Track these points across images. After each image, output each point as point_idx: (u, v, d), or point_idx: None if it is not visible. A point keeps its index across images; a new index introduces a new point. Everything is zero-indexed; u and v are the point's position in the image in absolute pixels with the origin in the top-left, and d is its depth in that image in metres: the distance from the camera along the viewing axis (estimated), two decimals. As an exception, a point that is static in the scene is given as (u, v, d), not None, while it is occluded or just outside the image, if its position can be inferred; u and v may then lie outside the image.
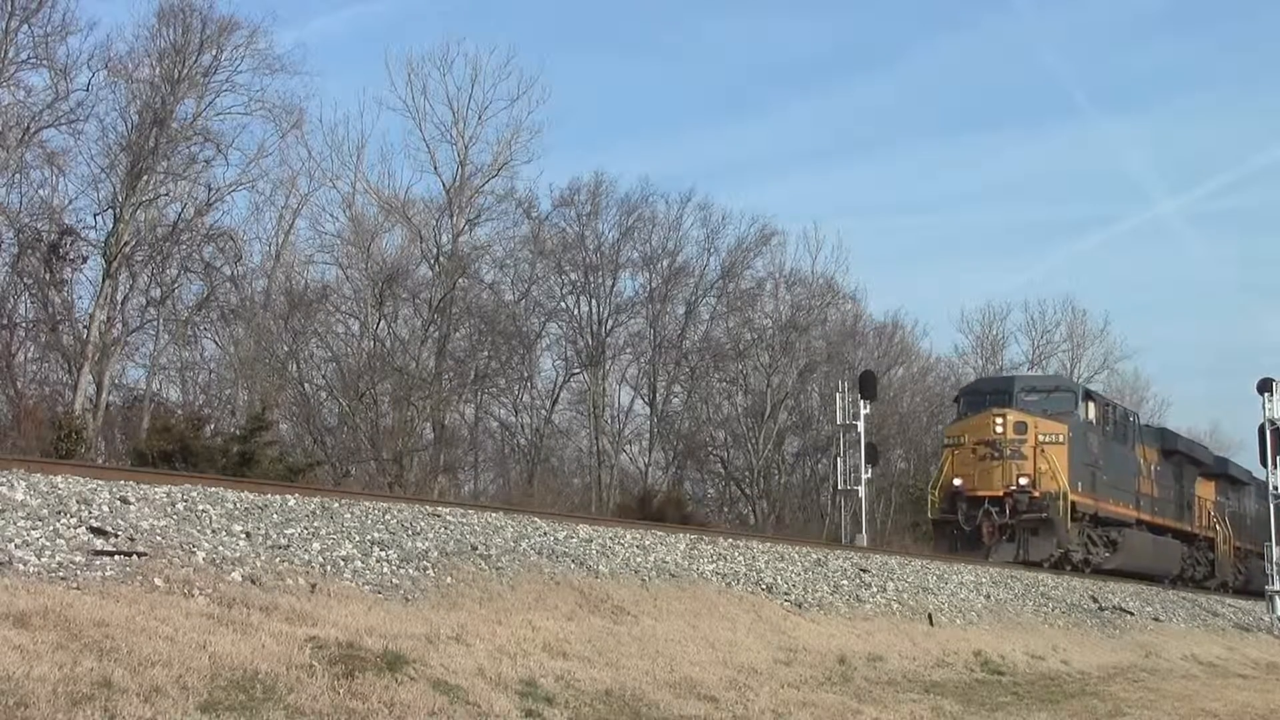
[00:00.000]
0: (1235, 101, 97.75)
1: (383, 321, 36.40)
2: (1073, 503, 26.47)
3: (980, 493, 26.47)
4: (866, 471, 30.34)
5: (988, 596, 19.40)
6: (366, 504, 12.94)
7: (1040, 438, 26.75)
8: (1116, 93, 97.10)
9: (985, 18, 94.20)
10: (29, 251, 29.72)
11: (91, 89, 30.03)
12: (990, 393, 29.03)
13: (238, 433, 25.71)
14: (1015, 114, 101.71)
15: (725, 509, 43.86)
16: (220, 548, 9.92)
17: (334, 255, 38.12)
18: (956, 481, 26.97)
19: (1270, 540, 28.30)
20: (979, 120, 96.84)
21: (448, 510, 13.82)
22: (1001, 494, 26.27)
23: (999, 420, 26.96)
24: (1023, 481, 26.25)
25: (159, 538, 9.68)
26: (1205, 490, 36.74)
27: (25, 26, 28.95)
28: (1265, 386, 27.97)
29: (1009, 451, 26.65)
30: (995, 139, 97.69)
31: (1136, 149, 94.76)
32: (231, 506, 11.14)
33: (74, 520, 9.39)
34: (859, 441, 30.44)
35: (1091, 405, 29.04)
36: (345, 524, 11.73)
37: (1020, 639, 17.01)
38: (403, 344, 36.38)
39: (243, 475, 19.89)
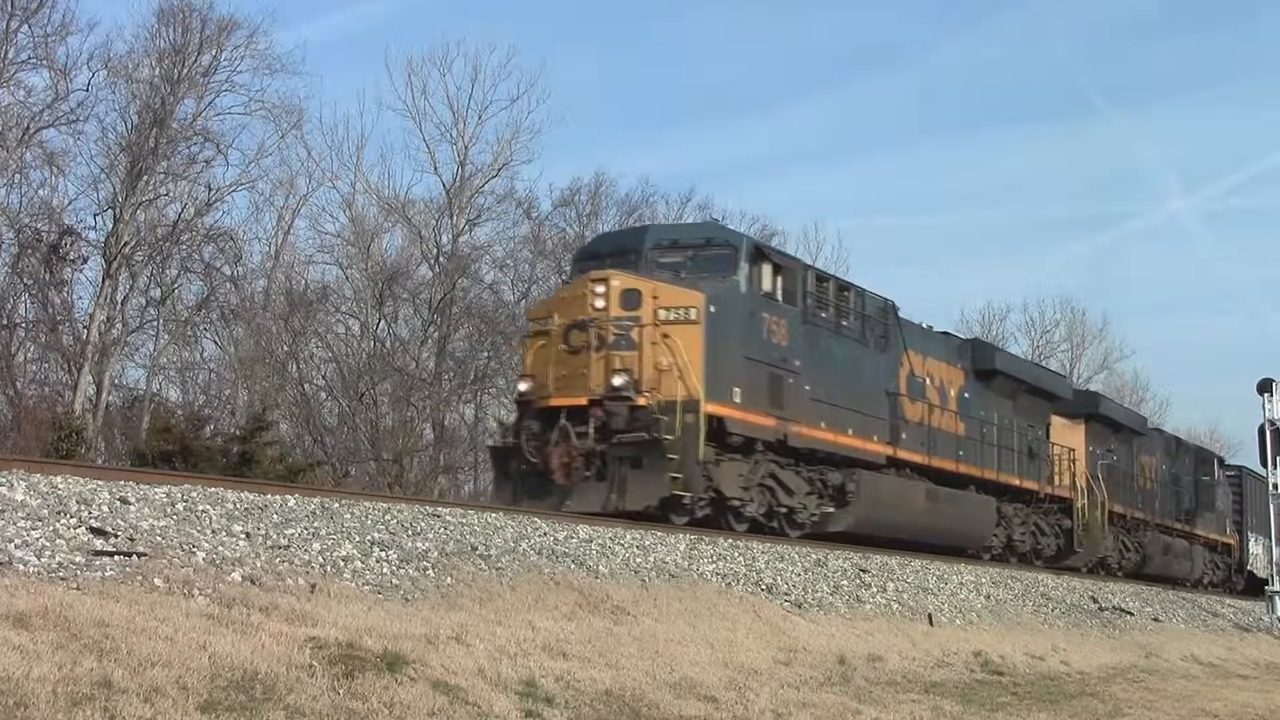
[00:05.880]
0: (1251, 97, 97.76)
1: (383, 322, 36.51)
2: (717, 418, 16.50)
3: (557, 402, 16.64)
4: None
5: (988, 597, 19.42)
6: (366, 504, 12.93)
7: (662, 314, 16.56)
8: (1127, 89, 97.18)
9: (987, 16, 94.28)
10: (29, 252, 29.78)
11: (91, 89, 30.21)
12: (611, 253, 18.23)
13: (238, 433, 25.81)
14: (1017, 113, 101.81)
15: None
16: (220, 548, 9.91)
17: (334, 255, 38.30)
18: (522, 386, 17.29)
19: (1270, 540, 28.32)
20: (982, 119, 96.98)
21: (448, 510, 13.80)
22: (585, 403, 16.38)
23: (599, 288, 16.79)
24: (618, 382, 16.21)
25: (159, 538, 9.67)
26: (1067, 436, 27.68)
27: (25, 26, 29.18)
28: (1265, 387, 27.92)
29: (610, 337, 16.55)
30: (997, 138, 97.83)
31: (1147, 146, 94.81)
32: (231, 507, 11.13)
33: (74, 520, 9.38)
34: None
35: (767, 269, 17.99)
36: (345, 524, 11.73)
37: (1020, 639, 17.02)
38: (403, 344, 36.43)
39: (243, 475, 19.97)
